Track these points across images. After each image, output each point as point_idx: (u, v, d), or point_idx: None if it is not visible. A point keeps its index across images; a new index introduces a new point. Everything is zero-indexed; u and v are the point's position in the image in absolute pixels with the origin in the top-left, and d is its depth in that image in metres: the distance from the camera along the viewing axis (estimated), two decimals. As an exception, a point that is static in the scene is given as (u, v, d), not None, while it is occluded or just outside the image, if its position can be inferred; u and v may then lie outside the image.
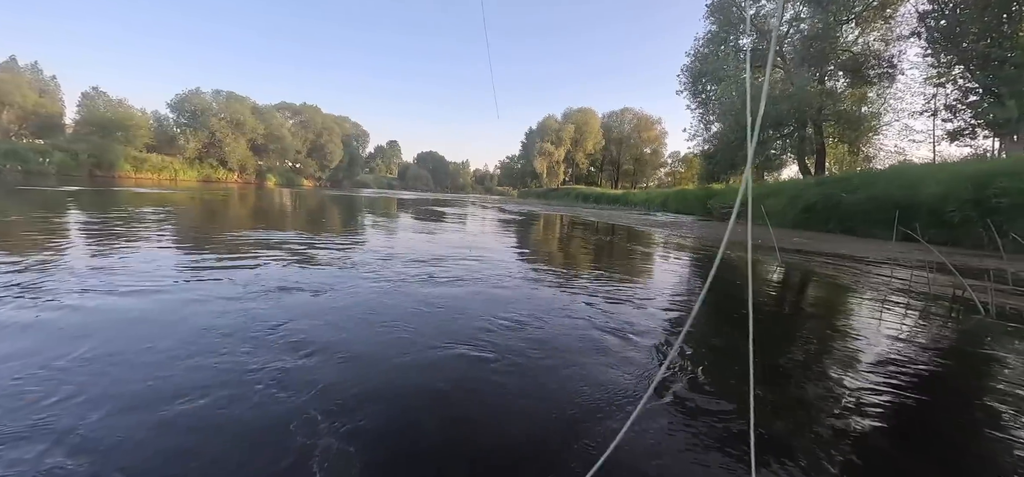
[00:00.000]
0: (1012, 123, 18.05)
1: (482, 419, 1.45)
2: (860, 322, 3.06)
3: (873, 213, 13.14)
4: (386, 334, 2.19)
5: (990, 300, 3.33)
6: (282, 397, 1.48)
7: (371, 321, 2.38)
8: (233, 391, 1.50)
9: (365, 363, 1.82)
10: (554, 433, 1.38)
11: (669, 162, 73.42)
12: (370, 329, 2.25)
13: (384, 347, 2.02)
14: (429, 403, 1.53)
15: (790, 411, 1.63)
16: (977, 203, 10.63)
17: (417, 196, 39.82)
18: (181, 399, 1.42)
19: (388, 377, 1.71)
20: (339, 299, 2.79)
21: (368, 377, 1.69)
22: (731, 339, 2.49)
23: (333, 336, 2.10)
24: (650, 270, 5.09)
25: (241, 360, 1.75)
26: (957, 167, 13.37)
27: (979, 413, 1.75)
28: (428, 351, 2.00)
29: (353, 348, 1.97)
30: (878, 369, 2.10)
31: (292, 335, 2.06)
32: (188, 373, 1.62)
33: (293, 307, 2.54)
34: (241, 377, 1.60)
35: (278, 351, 1.86)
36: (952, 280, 4.55)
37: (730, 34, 31.87)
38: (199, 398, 1.44)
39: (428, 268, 4.05)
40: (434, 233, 7.58)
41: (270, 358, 1.78)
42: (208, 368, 1.67)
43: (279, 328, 2.15)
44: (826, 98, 26.78)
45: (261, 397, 1.47)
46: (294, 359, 1.79)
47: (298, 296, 2.80)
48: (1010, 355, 2.43)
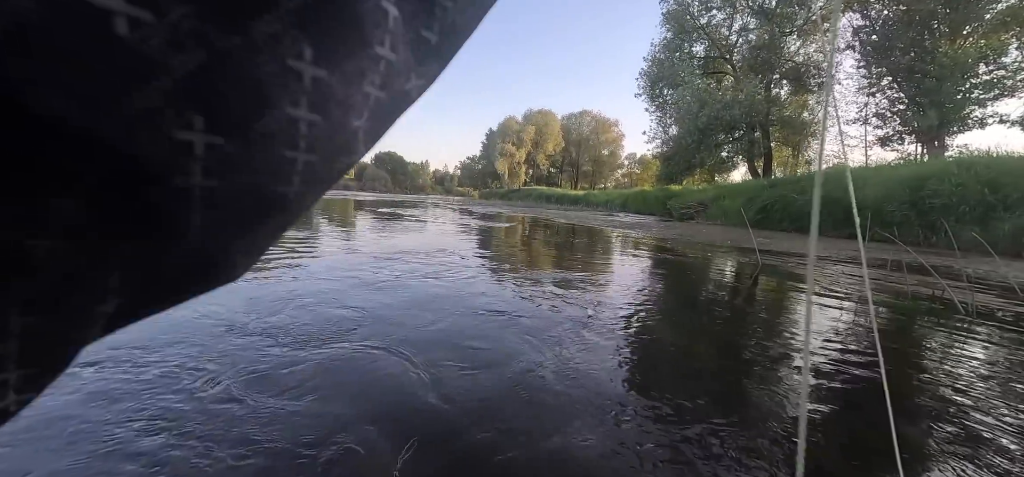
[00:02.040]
0: (933, 130, 19.99)
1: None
2: (858, 326, 3.21)
3: (822, 213, 14.10)
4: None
5: (969, 299, 3.61)
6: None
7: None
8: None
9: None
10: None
11: (626, 163, 75.87)
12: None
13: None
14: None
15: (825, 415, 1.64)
16: (913, 204, 11.65)
17: (376, 197, 38.72)
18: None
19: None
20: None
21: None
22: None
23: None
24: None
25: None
26: (893, 170, 14.63)
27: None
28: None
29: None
30: (907, 374, 2.17)
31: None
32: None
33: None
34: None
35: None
36: (919, 279, 4.91)
37: (685, 41, 33.31)
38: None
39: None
40: (424, 236, 7.32)
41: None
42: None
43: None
44: (772, 104, 28.59)
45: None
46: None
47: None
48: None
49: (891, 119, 23.57)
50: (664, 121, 35.66)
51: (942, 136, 20.45)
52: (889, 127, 23.80)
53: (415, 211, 16.16)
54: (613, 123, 71.20)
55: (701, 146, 30.11)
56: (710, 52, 33.32)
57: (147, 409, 1.45)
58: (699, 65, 33.21)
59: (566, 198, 46.00)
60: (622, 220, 18.60)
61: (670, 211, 25.10)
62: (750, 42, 30.15)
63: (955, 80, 18.66)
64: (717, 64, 33.45)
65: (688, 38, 33.11)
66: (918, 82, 20.27)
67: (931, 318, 3.42)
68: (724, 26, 32.19)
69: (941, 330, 3.07)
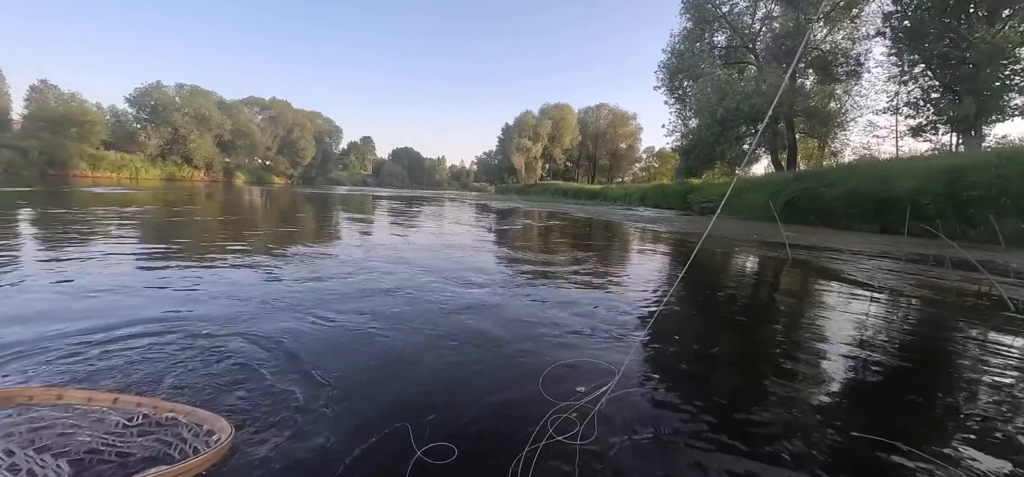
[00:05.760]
0: (970, 119, 19.15)
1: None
2: (906, 324, 3.13)
3: (851, 206, 13.70)
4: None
5: (1019, 296, 3.48)
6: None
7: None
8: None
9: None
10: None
11: (644, 157, 74.78)
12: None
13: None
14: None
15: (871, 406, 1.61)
16: (949, 197, 11.21)
17: (394, 192, 39.15)
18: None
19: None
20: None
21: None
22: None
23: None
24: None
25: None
26: (929, 161, 14.08)
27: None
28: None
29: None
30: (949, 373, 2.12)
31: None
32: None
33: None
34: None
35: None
36: (962, 275, 4.75)
37: (705, 31, 32.52)
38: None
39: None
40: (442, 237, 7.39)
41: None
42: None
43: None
44: (797, 95, 27.77)
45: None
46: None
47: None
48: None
49: (924, 108, 22.63)
50: (683, 114, 34.98)
51: (979, 125, 19.58)
52: (922, 116, 22.86)
53: (439, 207, 16.27)
54: (631, 116, 70.15)
55: (721, 138, 29.47)
56: (732, 41, 32.48)
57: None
58: (720, 55, 32.40)
59: (583, 193, 45.71)
60: (643, 215, 18.41)
61: (690, 205, 24.72)
62: (774, 31, 29.30)
63: (994, 67, 17.82)
64: (739, 54, 32.60)
65: (709, 27, 32.29)
66: (954, 69, 19.41)
67: (978, 316, 3.31)
68: (747, 14, 31.28)
69: (991, 328, 2.97)
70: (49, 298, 2.61)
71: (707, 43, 32.61)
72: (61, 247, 4.31)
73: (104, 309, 2.43)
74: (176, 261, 3.90)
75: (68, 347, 1.87)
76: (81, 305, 2.50)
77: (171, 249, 4.58)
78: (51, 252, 4.07)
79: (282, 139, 66.30)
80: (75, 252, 4.07)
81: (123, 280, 3.13)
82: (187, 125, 45.80)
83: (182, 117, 45.61)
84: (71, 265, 3.54)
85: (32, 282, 2.96)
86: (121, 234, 5.46)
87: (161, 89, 46.05)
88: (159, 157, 44.31)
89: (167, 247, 4.68)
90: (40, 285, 2.89)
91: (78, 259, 3.78)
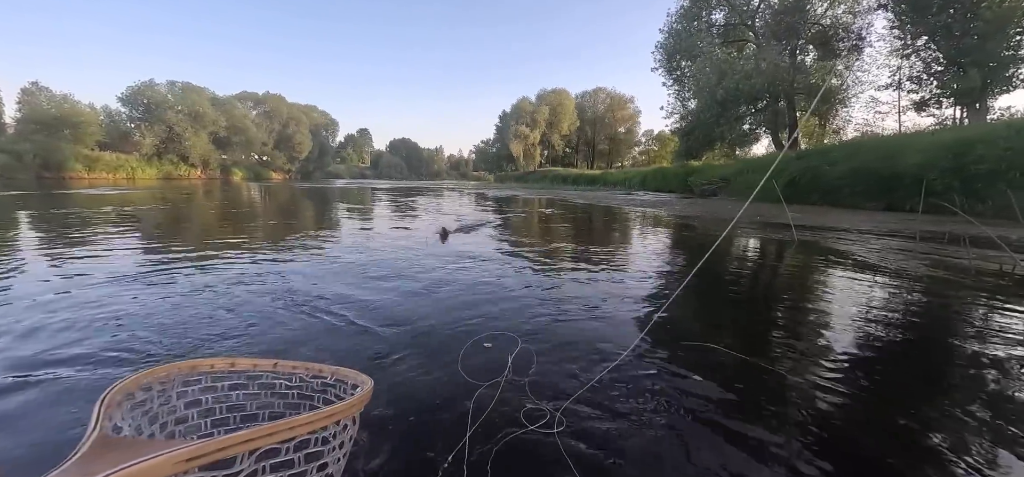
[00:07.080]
0: (975, 92, 18.82)
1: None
2: (932, 306, 2.96)
3: (856, 184, 13.47)
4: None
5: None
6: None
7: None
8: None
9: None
10: None
11: (643, 141, 74.22)
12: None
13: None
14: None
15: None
16: (956, 171, 10.99)
17: (393, 184, 38.88)
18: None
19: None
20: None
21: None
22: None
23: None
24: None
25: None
26: (935, 136, 13.79)
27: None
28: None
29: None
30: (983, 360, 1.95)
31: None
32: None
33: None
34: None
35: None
36: (978, 252, 4.57)
37: (703, 8, 31.94)
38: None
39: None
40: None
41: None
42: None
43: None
44: (797, 72, 27.33)
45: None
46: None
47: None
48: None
49: (928, 82, 22.25)
50: (682, 95, 34.55)
51: (984, 98, 19.25)
52: (925, 90, 22.49)
53: (440, 199, 16.07)
54: (628, 99, 69.32)
55: (721, 119, 29.10)
56: (730, 19, 31.88)
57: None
58: (718, 34, 31.84)
59: (582, 179, 45.34)
60: (644, 199, 18.19)
61: (691, 188, 24.46)
62: (773, 6, 28.74)
63: (999, 37, 17.45)
64: (738, 32, 32.02)
65: (706, 5, 31.72)
66: (958, 41, 19.02)
67: (1005, 297, 3.13)
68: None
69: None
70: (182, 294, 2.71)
71: (705, 21, 32.08)
72: (135, 251, 4.14)
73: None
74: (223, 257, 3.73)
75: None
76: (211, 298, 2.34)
77: (246, 241, 4.41)
78: (127, 256, 3.90)
79: (278, 134, 65.80)
80: (140, 254, 3.91)
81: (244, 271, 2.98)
82: (181, 123, 45.37)
83: (176, 115, 45.16)
84: (156, 274, 3.37)
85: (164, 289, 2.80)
86: (172, 238, 5.28)
87: (153, 87, 45.56)
88: (155, 156, 44.01)
89: (242, 241, 4.51)
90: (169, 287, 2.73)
91: (145, 264, 3.61)
